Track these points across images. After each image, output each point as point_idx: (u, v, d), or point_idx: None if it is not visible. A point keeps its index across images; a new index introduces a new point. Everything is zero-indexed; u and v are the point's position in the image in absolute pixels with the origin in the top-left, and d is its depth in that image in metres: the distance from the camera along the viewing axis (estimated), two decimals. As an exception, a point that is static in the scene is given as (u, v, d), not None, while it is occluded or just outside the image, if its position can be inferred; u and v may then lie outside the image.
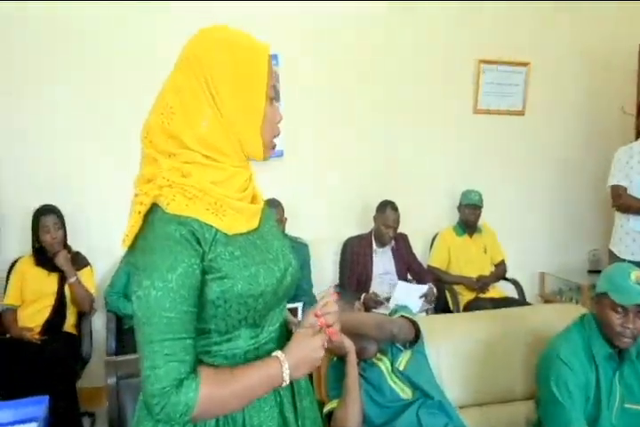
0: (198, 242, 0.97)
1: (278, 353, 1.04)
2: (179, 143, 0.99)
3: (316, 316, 1.09)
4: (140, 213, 0.99)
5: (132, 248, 1.01)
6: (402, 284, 3.29)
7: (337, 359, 1.89)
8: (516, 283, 3.69)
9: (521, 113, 4.07)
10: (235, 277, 1.00)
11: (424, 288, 3.25)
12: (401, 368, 1.89)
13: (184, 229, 0.96)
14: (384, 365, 1.90)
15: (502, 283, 3.72)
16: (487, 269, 3.65)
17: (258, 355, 1.06)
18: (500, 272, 3.70)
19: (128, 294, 3.15)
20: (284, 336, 1.14)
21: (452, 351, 2.15)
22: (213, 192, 1.00)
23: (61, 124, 3.32)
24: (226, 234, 1.01)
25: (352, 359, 1.78)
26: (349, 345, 1.77)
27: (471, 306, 3.38)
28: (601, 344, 1.80)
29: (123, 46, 3.31)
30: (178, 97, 0.99)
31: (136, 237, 0.99)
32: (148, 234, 0.97)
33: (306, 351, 1.05)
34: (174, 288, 0.95)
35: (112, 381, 1.71)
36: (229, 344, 1.05)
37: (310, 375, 1.20)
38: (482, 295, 3.52)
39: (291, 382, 1.07)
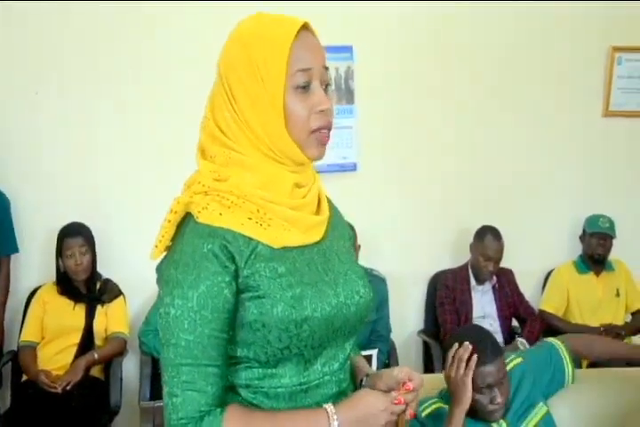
0: (231, 257, 1.03)
1: (328, 406, 1.05)
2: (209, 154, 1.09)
3: (402, 384, 1.09)
4: (169, 221, 1.08)
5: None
6: None
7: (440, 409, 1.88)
8: (660, 338, 3.59)
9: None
10: (274, 297, 1.05)
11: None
12: None
13: (214, 242, 1.03)
14: None
15: (641, 338, 3.63)
16: (620, 319, 3.59)
17: (306, 400, 1.09)
18: (638, 323, 3.62)
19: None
20: (349, 383, 1.15)
21: (574, 417, 2.04)
22: (255, 197, 1.05)
23: (92, 131, 3.42)
24: (271, 247, 1.06)
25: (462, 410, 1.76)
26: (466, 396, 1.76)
27: (597, 366, 3.20)
28: None
29: (166, 57, 3.42)
30: (210, 104, 1.10)
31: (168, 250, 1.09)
32: (177, 246, 1.07)
33: (365, 412, 1.04)
34: (194, 308, 1.02)
35: (148, 430, 1.74)
36: (272, 381, 1.08)
37: None
38: (612, 352, 3.41)
39: None
